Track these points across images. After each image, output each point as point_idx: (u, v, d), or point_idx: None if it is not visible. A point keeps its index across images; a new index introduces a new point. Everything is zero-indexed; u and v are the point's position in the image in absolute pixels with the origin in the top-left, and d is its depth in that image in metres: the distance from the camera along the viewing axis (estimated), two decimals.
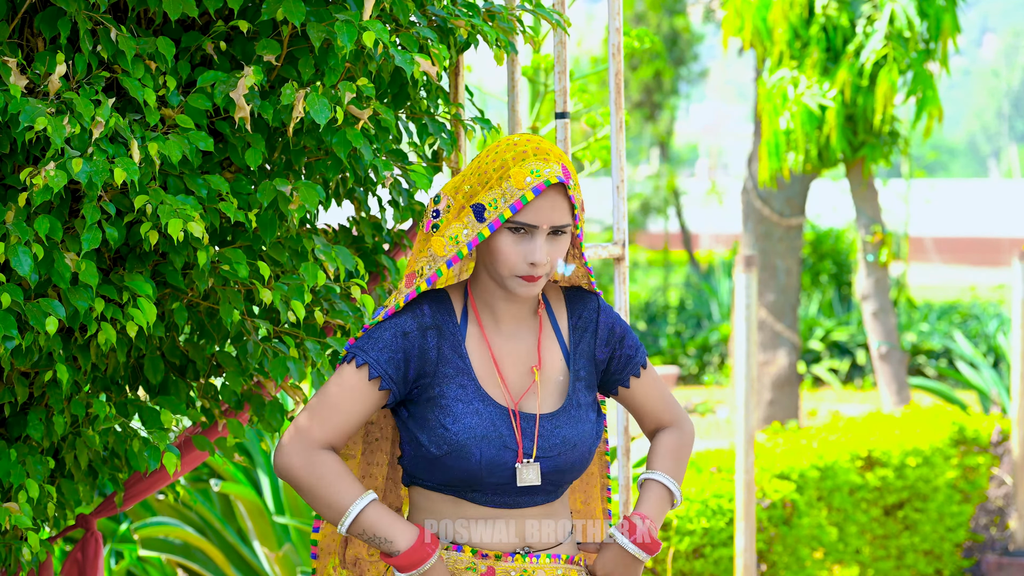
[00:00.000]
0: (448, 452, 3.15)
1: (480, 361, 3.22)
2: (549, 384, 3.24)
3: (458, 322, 3.22)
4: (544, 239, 3.14)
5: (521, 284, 3.15)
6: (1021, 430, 8.34)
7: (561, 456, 3.19)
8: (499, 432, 3.16)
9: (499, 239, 3.14)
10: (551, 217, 3.13)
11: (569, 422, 3.21)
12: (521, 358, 3.24)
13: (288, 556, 5.79)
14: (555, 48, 4.24)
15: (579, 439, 3.21)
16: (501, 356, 3.23)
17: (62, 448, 3.55)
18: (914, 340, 16.36)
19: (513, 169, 3.11)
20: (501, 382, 3.21)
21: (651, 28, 21.37)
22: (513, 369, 3.23)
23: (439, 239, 3.16)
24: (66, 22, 3.11)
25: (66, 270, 3.08)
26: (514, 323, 3.25)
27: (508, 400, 3.20)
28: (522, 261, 3.13)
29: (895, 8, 8.75)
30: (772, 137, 9.08)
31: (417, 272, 3.19)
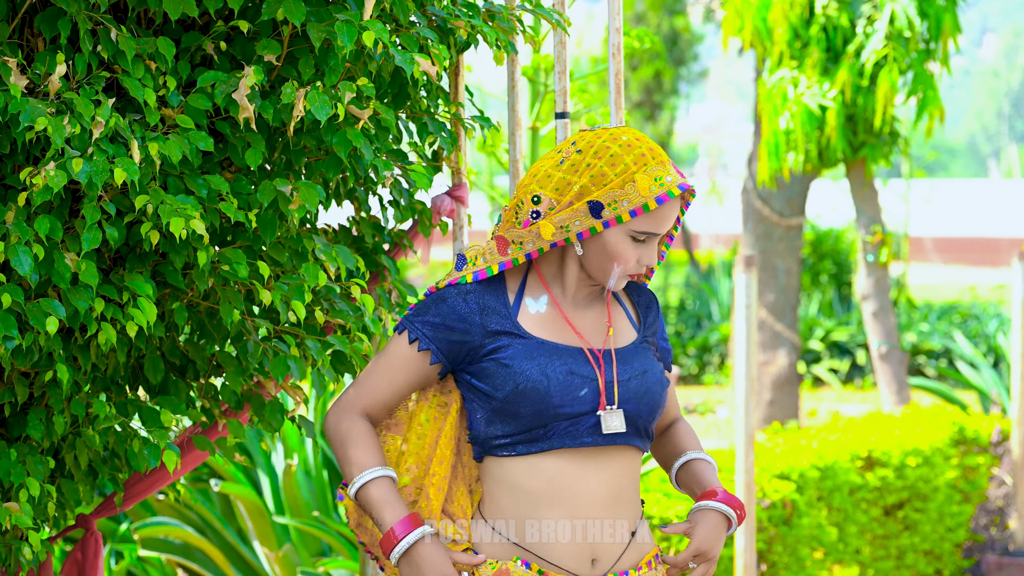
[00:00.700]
0: (514, 387, 3.14)
1: (541, 328, 3.21)
2: (618, 335, 3.26)
3: (510, 300, 3.21)
4: (658, 243, 3.22)
5: (622, 280, 3.20)
6: (1021, 430, 8.34)
7: (633, 380, 3.19)
8: (566, 364, 3.17)
9: (615, 238, 3.14)
10: (668, 224, 3.17)
11: (639, 356, 3.24)
12: (591, 324, 3.24)
13: (288, 556, 5.79)
14: (555, 48, 4.24)
15: (649, 368, 3.23)
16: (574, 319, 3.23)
17: (62, 448, 3.55)
18: (914, 340, 16.36)
19: (638, 175, 3.10)
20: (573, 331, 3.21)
21: (651, 28, 21.38)
22: (586, 329, 3.23)
23: (547, 225, 3.13)
24: (66, 22, 3.11)
25: (66, 270, 3.09)
26: (585, 300, 3.25)
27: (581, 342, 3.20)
28: (635, 262, 3.16)
29: (895, 8, 8.75)
30: (772, 137, 9.07)
31: (514, 242, 3.17)
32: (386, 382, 3.20)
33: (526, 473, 3.18)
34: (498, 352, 3.18)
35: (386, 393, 3.21)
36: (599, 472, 3.19)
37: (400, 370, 3.20)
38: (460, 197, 4.19)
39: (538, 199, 3.13)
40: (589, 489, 3.18)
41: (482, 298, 3.19)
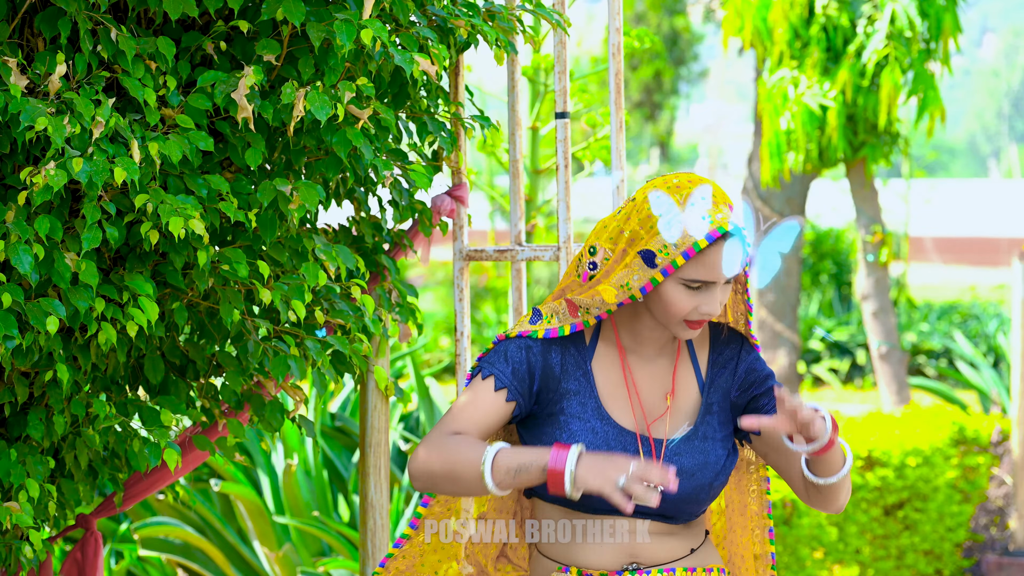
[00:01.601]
0: None
1: (607, 381, 3.16)
2: (679, 413, 3.17)
3: (587, 342, 3.17)
4: (720, 290, 3.05)
5: (686, 329, 3.08)
6: (1021, 430, 8.34)
7: (679, 484, 3.08)
8: (612, 452, 3.08)
9: (670, 289, 3.04)
10: (728, 270, 3.02)
11: (691, 452, 3.12)
12: (655, 383, 3.17)
13: (288, 556, 5.79)
14: (555, 48, 4.24)
15: (698, 470, 3.12)
16: (636, 379, 3.16)
17: (62, 448, 3.55)
18: (914, 340, 16.35)
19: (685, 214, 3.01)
20: (633, 404, 3.15)
21: (651, 28, 21.38)
22: (647, 394, 3.16)
23: (608, 288, 3.07)
24: (66, 22, 3.11)
25: (66, 270, 3.09)
26: (655, 348, 3.17)
27: (636, 424, 3.13)
28: (694, 311, 3.05)
29: (896, 8, 8.75)
30: (773, 137, 9.07)
31: (582, 308, 3.12)
32: (473, 424, 3.12)
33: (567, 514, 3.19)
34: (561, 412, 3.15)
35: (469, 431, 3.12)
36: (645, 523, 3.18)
37: (488, 414, 3.14)
38: (460, 197, 4.19)
39: (594, 250, 3.09)
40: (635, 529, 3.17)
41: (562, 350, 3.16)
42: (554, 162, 5.25)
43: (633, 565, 3.17)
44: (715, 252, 3.01)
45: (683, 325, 3.07)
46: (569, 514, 3.17)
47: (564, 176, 4.17)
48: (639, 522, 3.15)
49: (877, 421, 8.06)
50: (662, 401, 3.16)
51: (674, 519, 3.17)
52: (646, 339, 3.16)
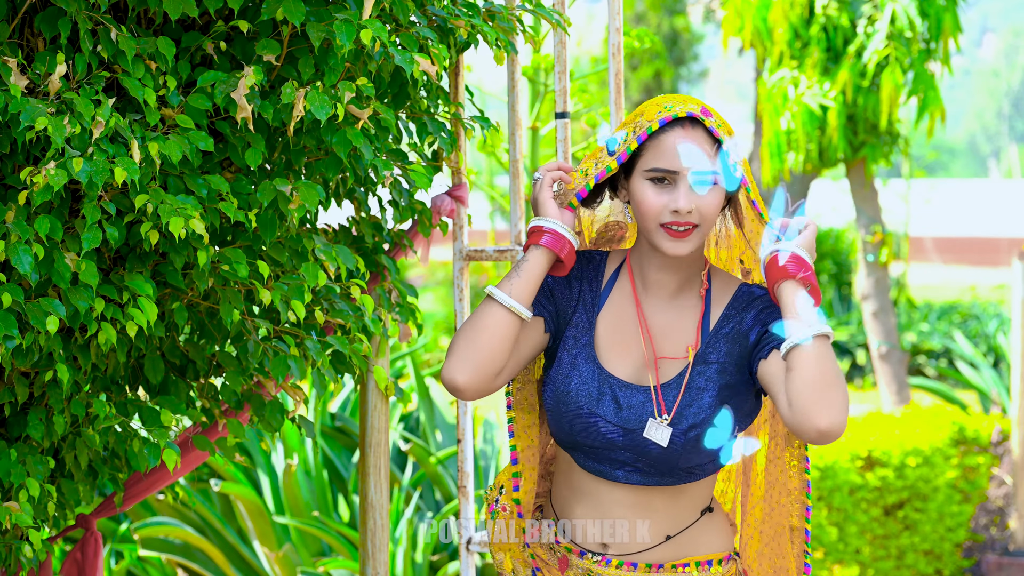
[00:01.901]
0: (548, 398, 3.14)
1: (610, 326, 3.16)
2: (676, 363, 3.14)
3: (602, 285, 3.17)
4: (687, 187, 3.02)
5: (666, 238, 3.04)
6: (1021, 430, 8.34)
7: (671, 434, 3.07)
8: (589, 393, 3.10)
9: (640, 189, 3.05)
10: (681, 160, 3.00)
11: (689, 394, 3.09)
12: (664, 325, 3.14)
13: (288, 556, 5.79)
14: (555, 48, 4.24)
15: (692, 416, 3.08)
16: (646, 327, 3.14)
17: (62, 448, 3.55)
18: (914, 340, 16.35)
19: (648, 107, 3.04)
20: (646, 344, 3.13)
21: (651, 28, 21.38)
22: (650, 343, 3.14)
23: (576, 175, 3.12)
24: (66, 22, 3.11)
25: (66, 270, 3.09)
26: (666, 294, 3.15)
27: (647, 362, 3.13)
28: (664, 209, 3.02)
29: (896, 8, 8.75)
30: (773, 137, 9.07)
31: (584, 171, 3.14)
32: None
33: (566, 470, 3.22)
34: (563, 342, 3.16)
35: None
36: (635, 490, 3.17)
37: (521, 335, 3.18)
38: (460, 197, 4.19)
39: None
40: (619, 499, 3.18)
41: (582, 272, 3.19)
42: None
43: (601, 550, 3.20)
44: (670, 139, 3.02)
45: (662, 233, 3.04)
46: (569, 467, 3.21)
47: None
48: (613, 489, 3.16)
49: (877, 421, 8.06)
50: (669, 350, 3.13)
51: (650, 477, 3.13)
52: (653, 282, 3.14)
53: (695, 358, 3.11)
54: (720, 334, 3.12)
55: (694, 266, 3.15)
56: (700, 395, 3.09)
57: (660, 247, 3.05)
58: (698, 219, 3.02)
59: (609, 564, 3.19)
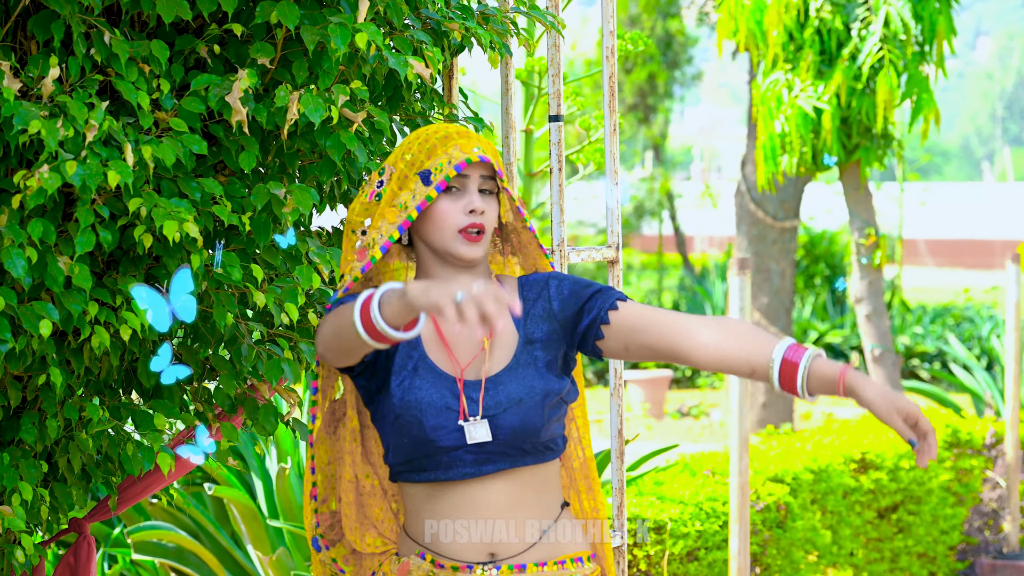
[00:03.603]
0: (397, 418, 3.19)
1: (429, 343, 3.25)
2: (497, 351, 3.25)
3: None
4: (477, 192, 3.21)
5: (463, 243, 3.20)
6: (1014, 433, 8.34)
7: (507, 412, 3.19)
8: (442, 396, 3.19)
9: (437, 205, 3.19)
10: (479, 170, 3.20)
11: (513, 379, 3.21)
12: (470, 336, 3.26)
13: (282, 560, 5.79)
14: (549, 51, 4.23)
15: (524, 394, 3.20)
16: (450, 335, 3.25)
17: (55, 452, 3.54)
18: (908, 343, 16.36)
19: (461, 141, 3.19)
20: (447, 353, 3.24)
21: (645, 31, 21.37)
22: (462, 344, 3.25)
23: (391, 208, 3.22)
24: (59, 25, 3.10)
25: (59, 273, 3.08)
26: None
27: (454, 368, 3.23)
28: (460, 213, 3.19)
29: (890, 11, 8.75)
30: (767, 140, 9.08)
31: (368, 244, 3.24)
32: None
33: (424, 498, 3.27)
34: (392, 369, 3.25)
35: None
36: (499, 486, 3.24)
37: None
38: None
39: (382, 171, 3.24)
40: (489, 501, 3.24)
41: None
42: (548, 165, 5.25)
43: (490, 557, 3.24)
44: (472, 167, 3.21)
45: (459, 239, 3.20)
46: (428, 493, 3.25)
47: (558, 179, 4.17)
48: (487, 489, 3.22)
49: (871, 424, 8.06)
50: (477, 344, 3.25)
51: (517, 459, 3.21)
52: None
53: (520, 340, 3.25)
54: (532, 315, 3.27)
55: (482, 274, 3.31)
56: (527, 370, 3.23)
57: (457, 253, 3.21)
58: (487, 223, 3.22)
59: (499, 570, 3.24)
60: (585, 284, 3.30)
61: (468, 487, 3.23)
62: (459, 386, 3.21)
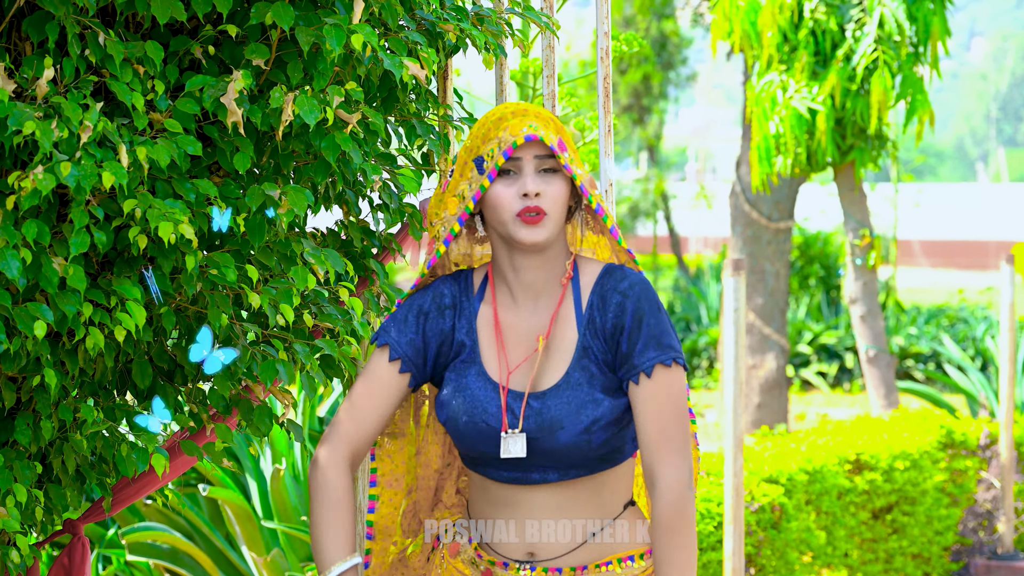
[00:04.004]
0: (446, 420, 3.20)
1: (487, 337, 3.23)
2: (554, 356, 3.19)
3: (472, 298, 3.26)
4: (533, 173, 3.16)
5: (522, 227, 3.14)
6: (1009, 433, 8.35)
7: (546, 435, 3.13)
8: (486, 401, 3.17)
9: (493, 191, 3.17)
10: (533, 150, 3.15)
11: (559, 402, 3.14)
12: (531, 330, 3.22)
13: (276, 561, 5.79)
14: (543, 52, 4.23)
15: (568, 420, 3.12)
16: (509, 329, 3.21)
17: (50, 453, 3.54)
18: (902, 343, 16.37)
19: (513, 121, 3.16)
20: (499, 355, 3.20)
21: (640, 32, 21.38)
22: (518, 342, 3.21)
23: (452, 198, 3.23)
24: (54, 26, 3.10)
25: (54, 274, 3.08)
26: (531, 296, 3.23)
27: (501, 374, 3.19)
28: (516, 197, 3.15)
29: (884, 12, 8.76)
30: (762, 141, 9.08)
31: (436, 236, 3.27)
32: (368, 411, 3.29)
33: (480, 487, 3.27)
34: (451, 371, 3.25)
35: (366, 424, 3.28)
36: (546, 491, 3.20)
37: (382, 394, 3.29)
38: None
39: (455, 159, 3.28)
40: (534, 504, 3.21)
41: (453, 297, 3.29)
42: None
43: (528, 556, 3.22)
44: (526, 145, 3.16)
45: (519, 222, 3.15)
46: (483, 484, 3.25)
47: None
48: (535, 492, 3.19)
49: (865, 424, 8.06)
50: (533, 347, 3.21)
51: (563, 472, 3.16)
52: (518, 286, 3.23)
53: (577, 350, 3.18)
54: (592, 327, 3.19)
55: (555, 261, 3.23)
56: (577, 392, 3.15)
57: (517, 237, 3.15)
58: (548, 205, 3.15)
59: (534, 571, 3.21)
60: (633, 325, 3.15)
61: (514, 489, 3.21)
62: (502, 397, 3.17)
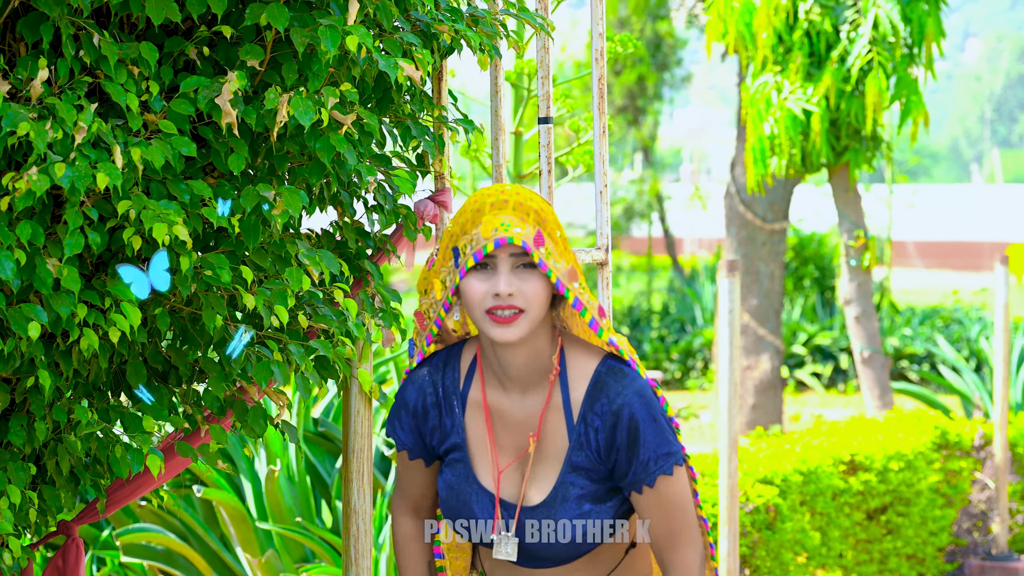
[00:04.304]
0: (443, 510, 3.28)
1: (476, 428, 3.20)
2: (544, 462, 3.17)
3: (460, 387, 3.22)
4: (508, 271, 3.08)
5: (493, 325, 3.08)
6: (1003, 434, 8.35)
7: (539, 548, 3.15)
8: (475, 514, 3.19)
9: (466, 285, 3.11)
10: (509, 248, 3.07)
11: (548, 518, 3.14)
12: (520, 423, 3.18)
13: (271, 562, 5.78)
14: (538, 53, 4.23)
15: (558, 536, 3.13)
16: (498, 420, 3.18)
17: (44, 454, 3.53)
18: (897, 344, 16.38)
19: (486, 218, 3.09)
20: (491, 452, 3.17)
21: (634, 33, 21.38)
22: (507, 435, 3.18)
23: (438, 282, 3.18)
24: (48, 27, 3.10)
25: (48, 275, 3.07)
26: (519, 387, 3.18)
27: (492, 480, 3.18)
28: (488, 296, 3.07)
29: (879, 13, 8.77)
30: (757, 142, 9.08)
31: (426, 315, 3.26)
32: (414, 493, 3.42)
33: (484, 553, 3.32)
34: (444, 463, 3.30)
35: (415, 490, 3.41)
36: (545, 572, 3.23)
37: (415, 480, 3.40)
38: (443, 202, 4.18)
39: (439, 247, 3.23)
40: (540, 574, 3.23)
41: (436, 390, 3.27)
42: (537, 167, 5.25)
43: None
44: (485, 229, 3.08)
45: (489, 320, 3.07)
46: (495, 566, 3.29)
47: (547, 181, 4.17)
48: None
49: (860, 425, 8.07)
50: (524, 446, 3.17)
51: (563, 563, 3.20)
52: (505, 377, 3.17)
53: (566, 461, 3.14)
54: (586, 438, 3.14)
55: (541, 354, 3.16)
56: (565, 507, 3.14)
57: (490, 336, 3.09)
58: (523, 303, 3.07)
59: None
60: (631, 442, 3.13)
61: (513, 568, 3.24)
62: (495, 506, 3.17)
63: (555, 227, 3.13)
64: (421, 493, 3.39)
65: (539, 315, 3.10)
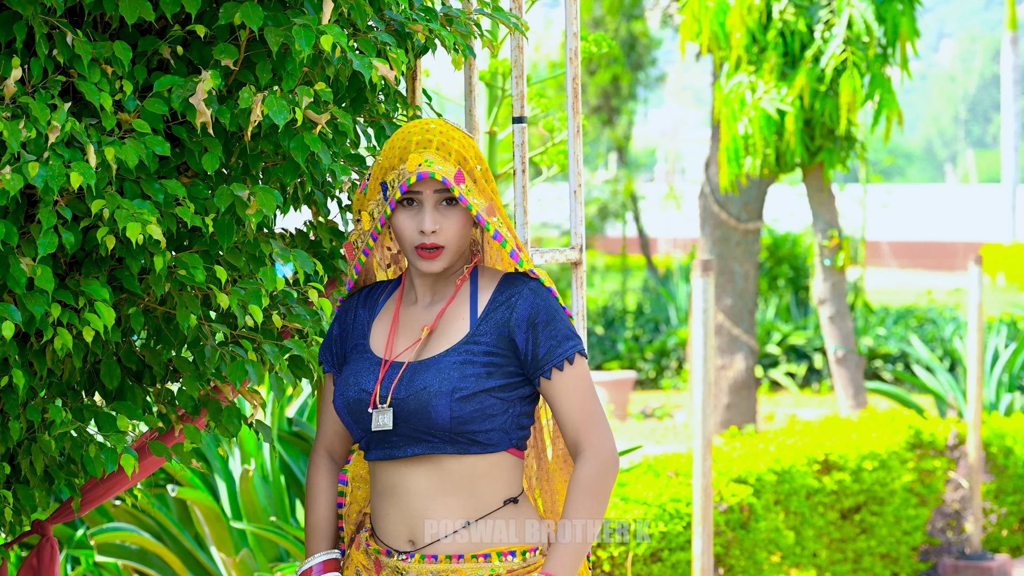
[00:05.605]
0: (337, 396, 3.41)
1: (381, 328, 3.42)
2: (439, 340, 3.36)
3: (379, 300, 3.46)
4: (432, 208, 3.32)
5: (419, 258, 3.33)
6: (976, 434, 8.38)
7: (410, 400, 3.28)
8: (366, 380, 3.35)
9: (396, 217, 3.34)
10: (433, 184, 3.31)
11: (433, 370, 3.30)
12: (422, 322, 3.39)
13: (245, 561, 5.78)
14: (512, 52, 4.24)
15: (434, 385, 3.27)
16: (404, 321, 3.40)
17: (18, 453, 3.53)
18: (871, 344, 16.42)
19: (413, 154, 3.31)
20: (389, 337, 3.38)
21: (609, 33, 21.39)
22: (408, 330, 3.39)
23: (367, 215, 3.43)
24: (22, 26, 3.09)
25: (22, 275, 3.07)
26: (430, 295, 3.41)
27: (386, 352, 3.37)
28: (415, 232, 3.31)
29: (853, 13, 8.79)
30: (731, 142, 9.09)
31: (355, 245, 3.49)
32: (329, 424, 3.56)
33: (372, 478, 3.44)
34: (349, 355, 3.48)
35: (329, 426, 3.56)
36: (421, 472, 3.33)
37: (324, 405, 3.57)
38: None
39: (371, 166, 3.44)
40: (411, 487, 3.34)
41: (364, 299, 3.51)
42: (512, 167, 5.26)
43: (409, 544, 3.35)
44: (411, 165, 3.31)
45: (416, 255, 3.33)
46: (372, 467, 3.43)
47: (521, 181, 4.17)
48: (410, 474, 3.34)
49: (834, 425, 8.08)
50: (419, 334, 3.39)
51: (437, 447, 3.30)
52: (421, 288, 3.42)
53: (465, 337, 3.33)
54: (489, 320, 3.35)
55: (457, 272, 3.43)
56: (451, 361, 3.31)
57: (417, 268, 3.36)
58: (443, 240, 3.33)
59: (412, 558, 3.33)
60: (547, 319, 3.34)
61: (394, 470, 3.35)
62: (381, 371, 3.34)
63: (476, 163, 3.37)
64: (334, 430, 3.52)
65: (460, 248, 3.37)
